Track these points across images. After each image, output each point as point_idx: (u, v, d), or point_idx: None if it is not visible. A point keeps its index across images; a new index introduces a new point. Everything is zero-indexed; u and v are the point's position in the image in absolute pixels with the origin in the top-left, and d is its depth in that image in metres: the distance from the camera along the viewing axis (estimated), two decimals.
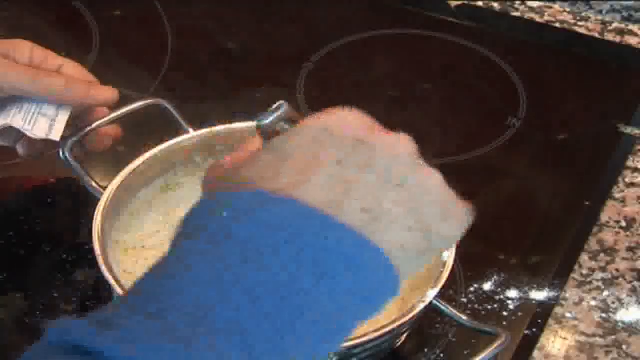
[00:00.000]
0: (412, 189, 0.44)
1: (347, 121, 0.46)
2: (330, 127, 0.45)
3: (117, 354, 0.36)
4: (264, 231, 0.40)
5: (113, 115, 0.75)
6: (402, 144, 0.46)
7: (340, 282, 0.40)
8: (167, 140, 0.73)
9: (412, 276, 0.45)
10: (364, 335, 0.59)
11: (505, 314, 0.70)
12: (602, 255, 0.76)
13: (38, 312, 0.69)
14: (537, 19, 1.04)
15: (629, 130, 0.89)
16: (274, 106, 0.48)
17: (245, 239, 0.40)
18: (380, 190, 0.43)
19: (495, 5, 1.06)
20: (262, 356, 0.38)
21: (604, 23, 1.03)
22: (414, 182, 0.45)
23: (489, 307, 0.71)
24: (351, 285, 0.40)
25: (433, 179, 0.46)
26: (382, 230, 0.42)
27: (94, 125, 0.74)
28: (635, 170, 0.84)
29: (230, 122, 0.75)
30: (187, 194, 0.73)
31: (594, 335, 0.69)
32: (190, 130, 0.75)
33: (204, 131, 0.74)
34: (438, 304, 0.63)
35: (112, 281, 0.61)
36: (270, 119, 0.48)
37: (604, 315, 0.71)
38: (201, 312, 0.38)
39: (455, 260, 0.64)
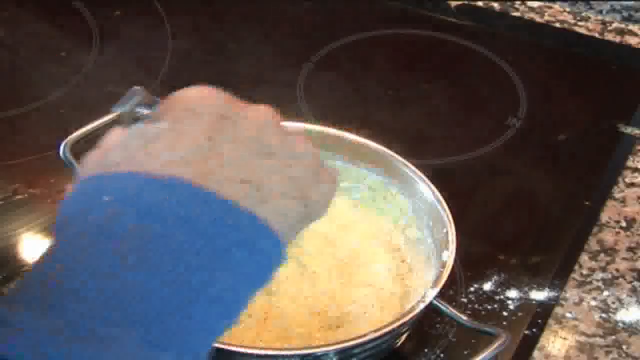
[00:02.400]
0: (282, 157, 0.45)
1: (206, 98, 0.46)
2: (192, 106, 0.45)
3: (13, 355, 0.35)
4: (148, 213, 0.40)
5: (113, 115, 0.75)
6: (265, 115, 0.46)
7: (231, 258, 0.40)
8: None
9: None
10: (364, 335, 0.59)
11: (505, 314, 0.70)
12: (602, 255, 0.76)
13: None
14: (537, 19, 1.04)
15: (629, 130, 0.89)
16: (128, 92, 0.48)
17: (131, 225, 0.40)
18: (254, 161, 0.44)
19: (495, 5, 1.06)
20: (162, 342, 0.38)
21: (604, 23, 1.03)
22: (283, 150, 0.45)
23: (489, 307, 0.71)
24: (243, 260, 0.41)
25: (299, 145, 0.47)
26: (263, 200, 0.42)
27: (93, 125, 0.74)
28: (635, 170, 0.84)
29: None
30: None
31: (594, 335, 0.69)
32: None
33: None
34: (438, 304, 0.63)
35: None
36: (127, 105, 0.47)
37: (604, 315, 0.71)
38: (96, 305, 0.37)
39: (455, 260, 0.64)
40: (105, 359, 0.36)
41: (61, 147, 0.72)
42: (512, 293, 0.72)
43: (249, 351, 0.59)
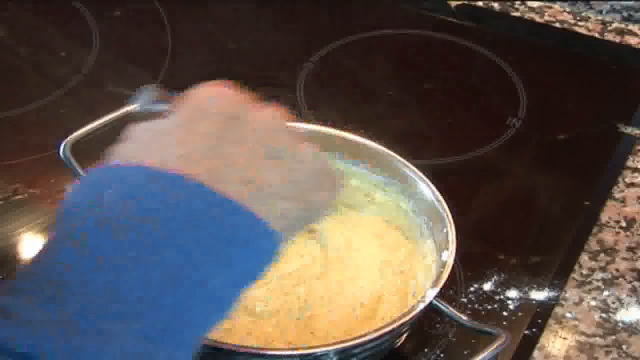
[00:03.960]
0: (287, 161, 0.46)
1: (219, 98, 0.47)
2: (203, 105, 0.46)
3: (15, 344, 0.35)
4: (151, 208, 0.41)
5: (113, 115, 0.75)
6: (273, 117, 0.48)
7: (228, 255, 0.41)
8: None
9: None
10: (364, 335, 0.59)
11: (505, 314, 0.70)
12: (602, 255, 0.76)
13: None
14: (537, 19, 1.04)
15: (629, 130, 0.89)
16: (143, 89, 0.49)
17: (133, 218, 0.40)
18: (258, 163, 0.44)
19: (495, 5, 1.06)
20: (158, 338, 0.39)
21: (604, 23, 1.03)
22: (289, 154, 0.46)
23: (489, 307, 0.71)
24: (240, 258, 0.42)
25: (306, 150, 0.48)
26: (264, 201, 0.43)
27: (93, 125, 0.74)
28: (635, 170, 0.84)
29: None
30: None
31: (594, 335, 0.69)
32: None
33: None
34: (438, 304, 0.63)
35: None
36: (142, 100, 0.48)
37: (604, 315, 0.71)
38: (96, 299, 0.38)
39: (455, 260, 0.64)
40: (106, 353, 0.37)
41: (61, 147, 0.72)
42: (512, 293, 0.72)
43: (249, 350, 0.59)
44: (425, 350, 0.67)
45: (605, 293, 0.72)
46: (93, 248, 0.40)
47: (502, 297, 0.72)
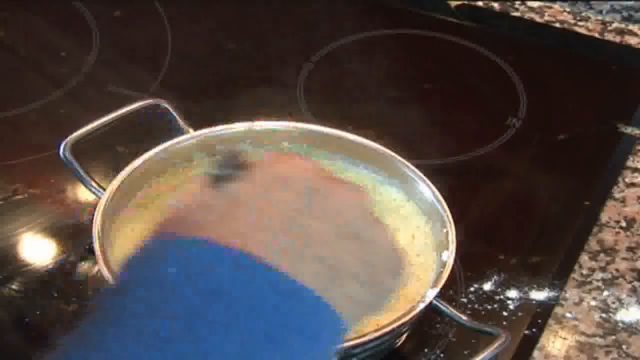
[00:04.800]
0: (365, 242, 0.43)
1: (298, 168, 0.45)
2: (283, 175, 0.44)
3: None
4: (214, 293, 0.38)
5: (113, 115, 0.75)
6: (357, 195, 0.45)
7: (292, 344, 0.39)
8: (167, 140, 0.73)
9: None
10: (364, 335, 0.59)
11: (505, 314, 0.70)
12: (602, 255, 0.76)
13: (38, 312, 0.69)
14: (537, 19, 1.04)
15: (629, 130, 0.89)
16: (224, 153, 0.46)
17: (193, 300, 0.38)
18: (336, 241, 0.42)
19: (495, 5, 1.06)
20: None
21: (604, 23, 1.03)
22: (368, 234, 0.44)
23: (489, 307, 0.71)
24: (303, 347, 0.39)
25: (386, 233, 0.45)
26: (334, 282, 0.41)
27: (93, 125, 0.74)
28: (635, 170, 0.84)
29: (230, 122, 0.75)
30: None
31: (594, 335, 0.69)
32: (190, 130, 0.75)
33: (204, 131, 0.74)
34: (438, 304, 0.63)
35: (112, 281, 0.61)
36: (219, 167, 0.45)
37: (604, 315, 0.71)
38: None
39: (455, 260, 0.64)
40: None
41: (61, 147, 0.72)
42: (512, 293, 0.72)
43: None
44: (425, 350, 0.67)
45: (605, 293, 0.72)
46: (149, 333, 0.37)
47: (502, 297, 0.72)
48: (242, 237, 0.40)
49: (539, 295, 0.72)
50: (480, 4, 1.06)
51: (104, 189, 0.69)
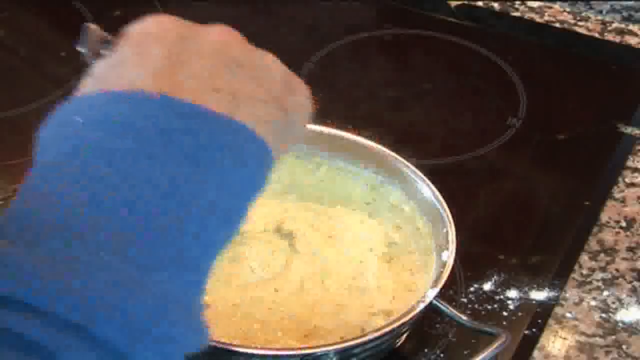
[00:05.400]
0: (252, 68, 0.44)
1: (163, 23, 0.46)
2: (151, 33, 0.45)
3: (12, 292, 0.34)
4: (123, 132, 0.38)
5: None
6: (227, 32, 0.46)
7: (221, 169, 0.39)
8: None
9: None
10: (364, 335, 0.59)
11: (505, 314, 0.70)
12: (602, 255, 0.76)
13: None
14: (537, 19, 1.04)
15: (629, 130, 0.89)
16: (84, 30, 0.47)
17: (105, 145, 0.38)
18: (223, 71, 0.42)
19: (495, 5, 1.06)
20: (156, 263, 0.36)
21: (604, 23, 1.03)
22: (251, 61, 0.45)
23: (489, 307, 0.71)
24: (229, 167, 0.39)
25: (267, 57, 0.46)
26: (240, 107, 0.41)
27: None
28: (635, 170, 0.84)
29: None
30: None
31: (594, 335, 0.69)
32: None
33: None
34: (438, 304, 0.63)
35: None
36: (87, 43, 0.47)
37: (604, 315, 0.71)
38: (81, 233, 0.36)
39: (455, 260, 0.64)
40: (94, 285, 0.35)
41: None
42: (512, 293, 0.72)
43: (248, 351, 0.59)
44: (425, 350, 0.67)
45: (605, 293, 0.72)
46: (70, 182, 0.37)
47: (502, 297, 0.72)
48: (132, 85, 0.40)
49: (539, 295, 0.72)
50: (480, 4, 1.06)
51: None
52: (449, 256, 0.64)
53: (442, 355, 0.67)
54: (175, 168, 0.38)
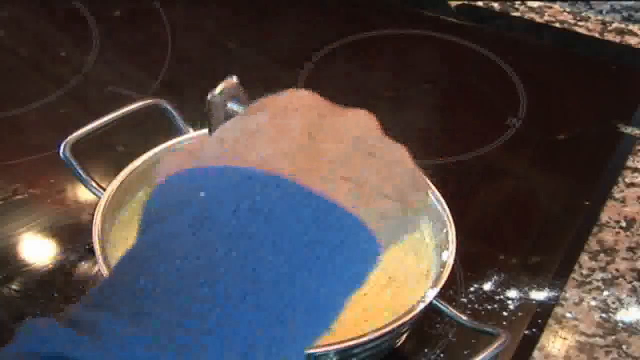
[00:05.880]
0: (383, 159, 0.43)
1: (303, 98, 0.45)
2: (289, 104, 0.44)
3: None
4: (247, 213, 0.37)
5: (113, 115, 0.75)
6: (365, 118, 0.45)
7: (331, 261, 0.38)
8: (167, 140, 0.73)
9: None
10: (364, 335, 0.59)
11: (505, 314, 0.70)
12: (602, 255, 0.76)
13: (38, 312, 0.69)
14: (537, 19, 1.04)
15: (629, 130, 0.89)
16: (224, 82, 0.46)
17: (228, 222, 0.37)
18: (355, 159, 0.42)
19: (495, 5, 1.06)
20: (258, 352, 0.36)
21: (604, 23, 1.03)
22: (384, 152, 0.44)
23: (489, 307, 0.71)
24: (342, 264, 0.39)
25: (400, 150, 0.45)
26: (364, 200, 0.40)
27: (93, 125, 0.74)
28: (635, 170, 0.84)
29: None
30: None
31: (594, 335, 0.69)
32: (190, 130, 0.75)
33: (204, 131, 0.74)
34: (438, 304, 0.63)
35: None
36: (222, 95, 0.45)
37: (604, 315, 0.71)
38: (186, 311, 0.35)
39: (455, 260, 0.64)
40: None
41: (61, 147, 0.72)
42: (512, 293, 0.72)
43: None
44: (425, 350, 0.67)
45: (605, 293, 0.72)
46: (181, 257, 0.36)
47: (502, 297, 0.72)
48: (263, 162, 0.39)
49: (539, 295, 0.72)
50: (480, 4, 1.06)
51: (104, 189, 0.69)
52: (449, 256, 0.64)
53: (442, 355, 0.67)
54: (290, 258, 0.37)
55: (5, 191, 0.80)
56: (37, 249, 0.75)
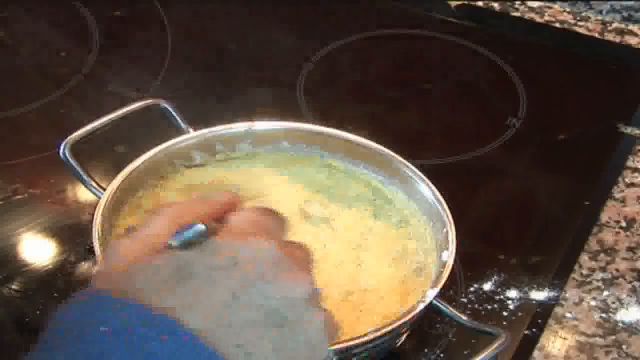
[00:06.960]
0: (291, 331, 0.44)
1: (258, 254, 0.46)
2: (241, 259, 0.45)
3: None
4: (138, 354, 0.40)
5: (113, 115, 0.75)
6: (300, 287, 0.46)
7: None
8: (167, 140, 0.73)
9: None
10: (364, 335, 0.59)
11: (505, 314, 0.70)
12: (602, 255, 0.76)
13: (38, 312, 0.69)
14: (537, 19, 1.04)
15: (629, 130, 0.89)
16: (191, 228, 0.46)
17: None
18: (261, 330, 0.43)
19: (495, 5, 1.06)
20: None
21: (604, 23, 1.03)
22: (296, 324, 0.45)
23: (489, 307, 0.71)
24: None
25: (316, 320, 0.46)
26: None
27: (94, 125, 0.74)
28: (635, 170, 0.84)
29: (230, 122, 0.75)
30: None
31: (594, 335, 0.69)
32: (190, 130, 0.75)
33: (204, 131, 0.74)
34: (438, 304, 0.63)
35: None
36: (183, 240, 0.46)
37: (604, 315, 0.71)
38: None
39: (455, 260, 0.64)
40: None
41: (61, 147, 0.72)
42: (512, 293, 0.72)
43: None
44: (425, 350, 0.67)
45: (605, 293, 0.72)
46: None
47: (502, 297, 0.72)
48: (175, 311, 0.41)
49: (539, 295, 0.72)
50: (480, 4, 1.06)
51: (104, 189, 0.69)
52: (449, 256, 0.64)
53: (442, 355, 0.67)
54: None
55: (5, 191, 0.80)
56: (37, 249, 0.75)
